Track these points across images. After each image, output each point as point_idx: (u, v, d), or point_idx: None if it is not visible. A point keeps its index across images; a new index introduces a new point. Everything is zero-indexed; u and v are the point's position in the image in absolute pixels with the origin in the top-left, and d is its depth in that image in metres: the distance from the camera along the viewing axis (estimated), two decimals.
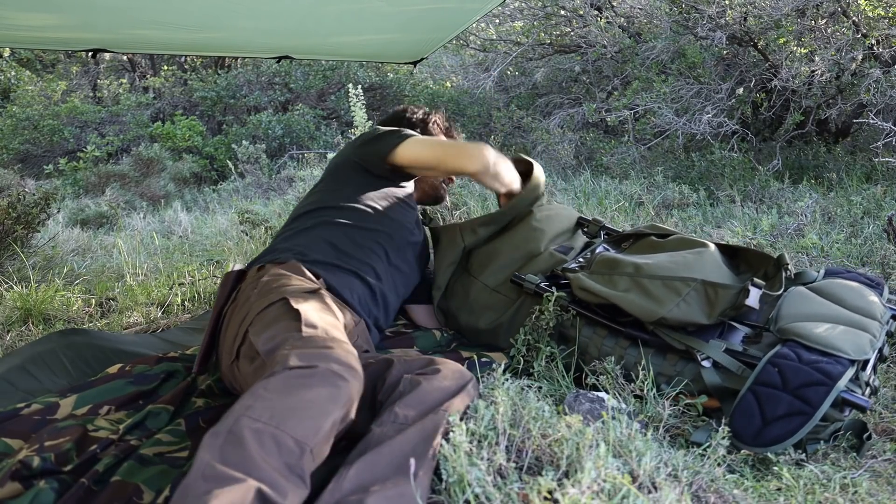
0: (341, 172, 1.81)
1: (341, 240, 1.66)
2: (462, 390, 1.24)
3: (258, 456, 0.94)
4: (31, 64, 10.51)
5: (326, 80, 8.91)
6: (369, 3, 2.26)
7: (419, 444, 1.10)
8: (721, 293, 1.58)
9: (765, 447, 1.30)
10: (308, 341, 1.20)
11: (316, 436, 1.01)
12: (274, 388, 1.05)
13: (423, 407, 1.18)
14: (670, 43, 4.89)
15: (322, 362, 1.11)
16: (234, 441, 0.96)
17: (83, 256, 3.59)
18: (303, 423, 1.01)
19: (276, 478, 0.94)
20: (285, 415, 1.01)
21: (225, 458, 0.93)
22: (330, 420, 1.04)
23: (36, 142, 8.63)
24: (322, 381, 1.08)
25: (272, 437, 0.97)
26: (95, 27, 2.35)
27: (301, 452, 0.99)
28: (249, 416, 1.00)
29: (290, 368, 1.09)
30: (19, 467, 1.16)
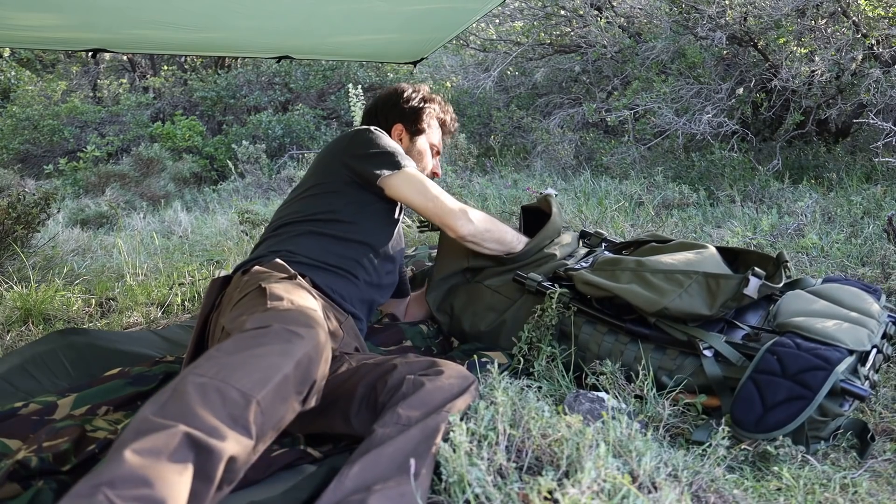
0: (332, 180, 1.73)
1: (328, 250, 1.64)
2: (465, 392, 1.25)
3: (197, 406, 0.92)
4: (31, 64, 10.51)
5: (326, 80, 8.91)
6: (369, 3, 2.26)
7: (421, 444, 1.10)
8: (722, 284, 1.59)
9: (767, 433, 1.30)
10: (269, 310, 1.20)
11: (263, 388, 0.99)
12: (225, 348, 1.05)
13: (426, 408, 1.18)
14: (670, 43, 4.89)
15: (277, 322, 1.11)
16: (176, 396, 0.94)
17: (83, 256, 3.59)
18: (249, 376, 0.99)
19: (214, 424, 0.91)
20: (232, 369, 1.00)
21: (163, 412, 0.92)
22: (280, 373, 1.02)
23: (36, 142, 8.63)
24: (274, 338, 1.07)
25: (216, 389, 0.96)
26: (95, 27, 2.35)
27: (246, 403, 0.96)
28: (194, 373, 0.99)
29: (245, 331, 1.10)
30: (17, 467, 1.16)
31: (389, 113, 1.92)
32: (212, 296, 1.54)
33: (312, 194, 1.72)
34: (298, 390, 1.07)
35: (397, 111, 1.92)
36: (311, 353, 1.10)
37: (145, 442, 0.85)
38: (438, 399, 1.20)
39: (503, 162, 5.81)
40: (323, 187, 1.71)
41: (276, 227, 1.71)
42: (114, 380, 1.57)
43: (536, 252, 1.93)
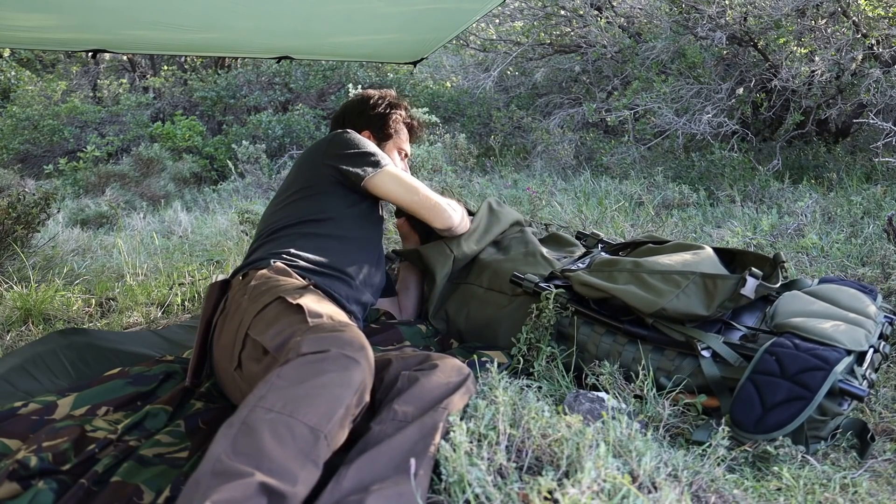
0: (319, 182, 1.74)
1: (325, 249, 1.65)
2: (461, 386, 1.24)
3: (270, 446, 0.95)
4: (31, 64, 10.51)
5: (326, 80, 8.91)
6: (369, 3, 2.26)
7: (419, 442, 1.10)
8: (720, 284, 1.59)
9: (767, 433, 1.31)
10: (317, 328, 1.21)
11: (329, 422, 1.02)
12: (287, 375, 1.06)
13: (421, 404, 1.18)
14: (670, 43, 4.89)
15: (334, 346, 1.12)
16: (248, 432, 0.97)
17: (83, 256, 3.59)
18: (316, 410, 1.02)
19: (286, 467, 0.95)
20: (298, 402, 1.02)
21: (236, 450, 0.95)
22: (343, 405, 1.05)
23: (36, 142, 8.63)
24: (334, 365, 1.09)
25: (286, 425, 0.99)
26: (95, 28, 2.35)
27: (315, 439, 1.00)
28: (262, 407, 1.01)
29: (303, 354, 1.10)
30: (17, 467, 1.16)
31: (357, 120, 1.96)
32: (212, 300, 1.54)
33: (301, 197, 1.72)
34: (354, 413, 1.10)
35: (364, 118, 1.96)
36: (366, 379, 1.12)
37: (222, 493, 0.88)
38: (434, 394, 1.20)
39: (503, 162, 5.81)
40: (311, 189, 1.72)
41: (271, 231, 1.70)
42: (114, 380, 1.57)
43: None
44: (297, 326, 1.25)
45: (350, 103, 2.04)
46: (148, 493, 1.17)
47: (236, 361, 1.38)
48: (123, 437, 1.34)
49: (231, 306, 1.48)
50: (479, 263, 2.03)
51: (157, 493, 1.16)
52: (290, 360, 1.10)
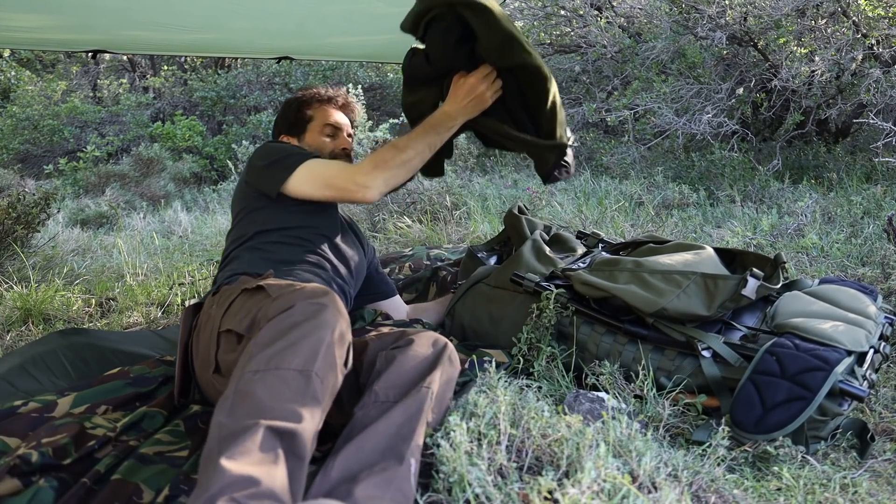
0: (251, 200, 1.71)
1: (282, 255, 1.63)
2: (440, 360, 1.25)
3: (266, 398, 0.98)
4: (31, 64, 10.51)
5: (326, 80, 8.91)
6: (369, 3, 2.27)
7: (404, 425, 1.11)
8: (720, 284, 1.59)
9: (767, 434, 1.31)
10: (279, 296, 1.23)
11: (315, 361, 1.05)
12: (262, 340, 1.09)
13: (402, 381, 1.19)
14: (670, 43, 4.89)
15: (297, 300, 1.15)
16: (241, 396, 1.00)
17: (83, 256, 3.59)
18: (300, 355, 1.05)
19: (288, 408, 0.97)
20: (280, 355, 1.04)
21: (235, 413, 0.97)
22: (324, 343, 1.08)
23: (36, 142, 8.63)
24: (303, 315, 1.12)
25: (275, 377, 1.01)
26: (95, 28, 2.36)
27: (307, 379, 1.02)
28: (248, 371, 1.03)
29: (271, 319, 1.13)
30: (18, 463, 1.16)
31: (277, 131, 1.94)
32: (187, 322, 1.53)
33: (243, 217, 1.71)
34: (339, 353, 1.12)
35: (281, 125, 1.92)
36: (338, 318, 1.14)
37: (234, 446, 0.91)
38: (413, 372, 1.21)
39: (503, 162, 5.81)
40: (248, 208, 1.70)
41: (225, 257, 1.69)
42: (114, 380, 1.57)
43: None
44: (262, 303, 1.26)
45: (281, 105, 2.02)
46: (148, 491, 1.17)
47: (213, 364, 1.38)
48: (121, 437, 1.35)
49: (202, 320, 1.48)
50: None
51: (156, 492, 1.17)
52: (261, 328, 1.13)
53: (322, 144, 1.86)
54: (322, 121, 1.88)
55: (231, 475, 0.87)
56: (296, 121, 1.89)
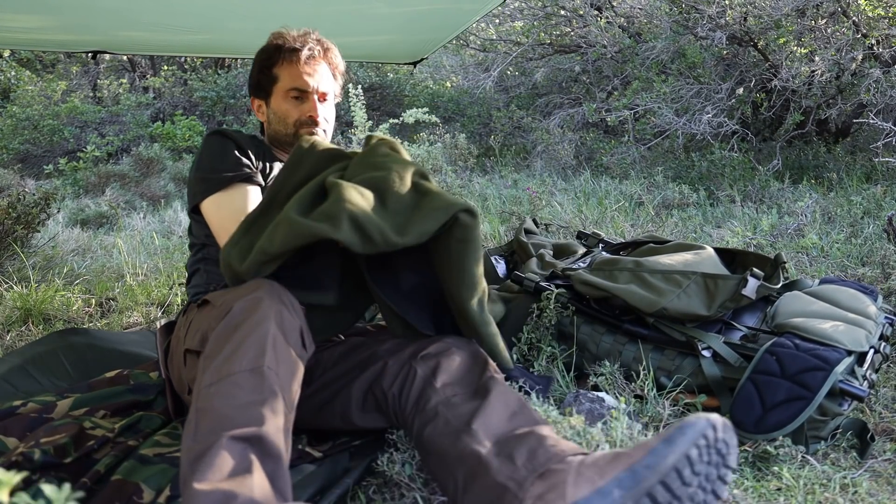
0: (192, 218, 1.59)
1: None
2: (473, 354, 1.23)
3: (224, 409, 0.94)
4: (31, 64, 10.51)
5: None
6: (369, 4, 2.27)
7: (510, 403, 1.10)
8: (721, 284, 1.59)
9: (767, 433, 1.31)
10: (220, 304, 1.16)
11: (264, 355, 1.01)
12: (210, 351, 1.05)
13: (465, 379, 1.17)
14: (670, 43, 4.89)
15: (234, 302, 1.10)
16: (202, 413, 0.96)
17: (83, 256, 3.59)
18: (246, 355, 1.01)
19: (246, 414, 0.94)
20: (228, 362, 1.00)
21: (199, 432, 0.93)
22: (269, 336, 1.03)
23: (36, 142, 8.62)
24: (241, 315, 1.07)
25: (228, 385, 0.97)
26: (95, 29, 2.36)
27: (260, 376, 0.98)
28: (203, 387, 0.99)
29: (214, 328, 1.09)
30: (20, 460, 1.16)
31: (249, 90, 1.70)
32: (162, 344, 1.48)
33: (192, 221, 1.60)
34: (291, 339, 1.07)
35: (250, 88, 1.68)
36: (279, 304, 1.09)
37: (203, 467, 0.87)
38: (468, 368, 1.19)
39: (503, 162, 5.81)
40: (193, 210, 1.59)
41: (188, 267, 1.62)
42: (114, 384, 1.57)
43: None
44: (209, 316, 1.21)
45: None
46: (148, 491, 1.17)
47: (186, 386, 1.33)
48: (119, 438, 1.35)
49: (173, 343, 1.43)
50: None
51: (157, 492, 1.16)
52: (208, 336, 1.10)
53: (286, 112, 1.59)
54: (288, 83, 1.58)
55: (206, 497, 0.84)
56: (260, 81, 1.62)
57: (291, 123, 1.59)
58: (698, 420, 0.88)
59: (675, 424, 0.90)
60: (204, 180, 1.49)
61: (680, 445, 0.86)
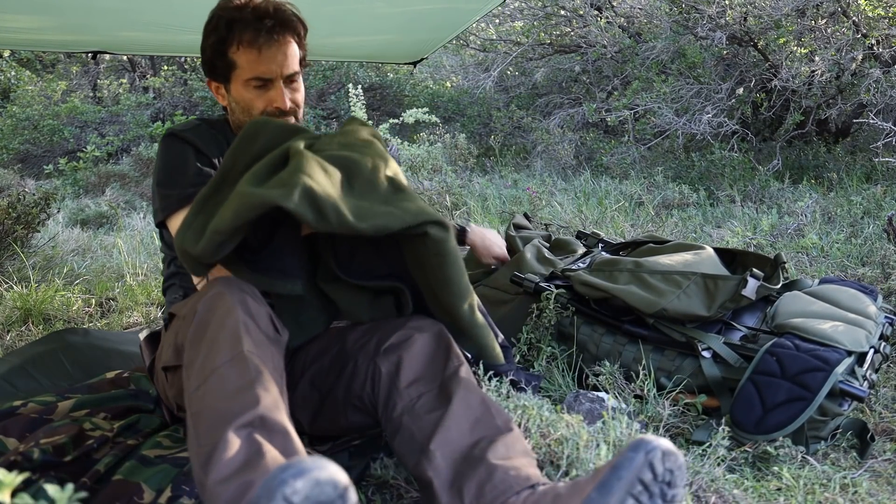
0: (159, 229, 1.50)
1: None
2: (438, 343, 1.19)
3: (218, 404, 0.94)
4: (31, 64, 10.50)
5: (326, 80, 8.90)
6: (369, 3, 2.26)
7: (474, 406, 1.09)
8: (720, 284, 1.59)
9: (767, 434, 1.31)
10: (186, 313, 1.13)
11: (240, 342, 0.99)
12: (189, 359, 1.03)
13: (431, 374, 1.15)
14: (670, 43, 4.89)
15: (198, 304, 1.08)
16: (197, 416, 0.95)
17: (83, 256, 3.59)
18: (223, 348, 0.99)
19: (241, 400, 0.93)
20: (207, 360, 0.99)
21: (200, 435, 0.93)
22: (240, 323, 1.02)
23: (36, 142, 8.62)
24: (208, 314, 1.05)
25: (214, 382, 0.96)
26: (95, 29, 2.35)
27: (241, 362, 0.97)
28: (190, 392, 0.99)
29: (187, 336, 1.07)
30: (20, 459, 1.16)
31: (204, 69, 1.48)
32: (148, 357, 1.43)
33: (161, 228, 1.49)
34: (261, 323, 1.06)
35: (205, 69, 1.47)
36: (240, 293, 1.07)
37: (215, 464, 0.87)
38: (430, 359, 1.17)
39: (503, 162, 5.81)
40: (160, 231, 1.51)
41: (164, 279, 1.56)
42: (115, 386, 1.57)
43: None
44: (177, 328, 1.18)
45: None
46: (148, 491, 1.17)
47: (174, 405, 1.33)
48: (118, 438, 1.34)
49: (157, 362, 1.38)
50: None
51: (157, 492, 1.16)
52: (184, 346, 1.07)
53: (249, 102, 1.40)
54: (248, 72, 1.37)
55: (225, 492, 0.84)
56: (215, 65, 1.41)
57: (256, 115, 1.41)
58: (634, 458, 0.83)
59: (609, 463, 0.85)
60: (165, 197, 1.38)
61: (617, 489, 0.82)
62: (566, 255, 2.12)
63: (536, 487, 0.94)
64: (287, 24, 1.38)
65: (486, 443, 1.02)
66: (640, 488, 0.82)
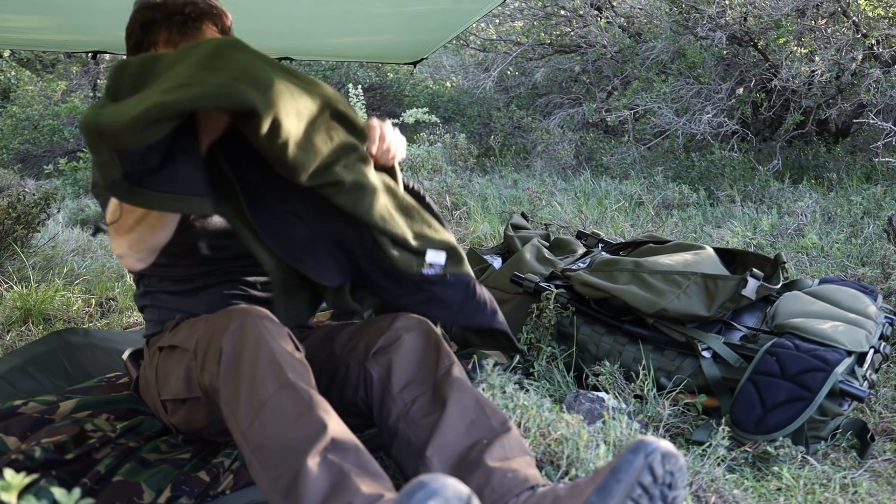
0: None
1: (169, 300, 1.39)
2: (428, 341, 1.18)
3: (282, 434, 0.94)
4: (31, 64, 10.50)
5: (326, 80, 8.90)
6: (369, 4, 2.26)
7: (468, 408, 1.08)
8: (720, 285, 1.59)
9: (767, 434, 1.31)
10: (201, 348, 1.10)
11: (282, 372, 0.99)
12: (228, 397, 1.01)
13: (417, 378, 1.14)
14: (670, 43, 4.89)
15: (220, 338, 1.05)
16: (260, 449, 0.95)
17: (83, 256, 3.59)
18: (266, 381, 0.99)
19: (306, 426, 0.93)
20: (254, 393, 0.98)
21: (270, 467, 0.92)
22: (275, 352, 1.01)
23: (36, 142, 8.62)
24: (234, 347, 1.03)
25: (269, 412, 0.96)
26: (95, 30, 2.35)
27: (291, 388, 0.97)
28: (245, 427, 0.97)
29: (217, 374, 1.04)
30: (22, 458, 1.16)
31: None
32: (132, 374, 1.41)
33: None
34: (286, 346, 1.05)
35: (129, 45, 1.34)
36: (257, 321, 1.06)
37: (301, 493, 0.87)
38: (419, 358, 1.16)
39: (503, 162, 5.81)
40: None
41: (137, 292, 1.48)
42: (116, 389, 1.57)
43: None
44: (186, 363, 1.15)
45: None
46: (148, 492, 1.17)
47: (172, 427, 1.32)
48: (120, 440, 1.34)
49: (143, 384, 1.36)
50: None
51: (157, 493, 1.17)
52: (216, 387, 1.04)
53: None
54: None
55: None
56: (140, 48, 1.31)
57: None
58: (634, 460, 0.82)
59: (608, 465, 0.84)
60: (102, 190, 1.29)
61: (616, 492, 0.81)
62: (566, 255, 2.12)
63: (536, 489, 0.94)
64: (202, 16, 1.32)
65: (482, 445, 1.01)
66: (639, 491, 0.82)
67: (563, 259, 2.04)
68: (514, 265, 1.93)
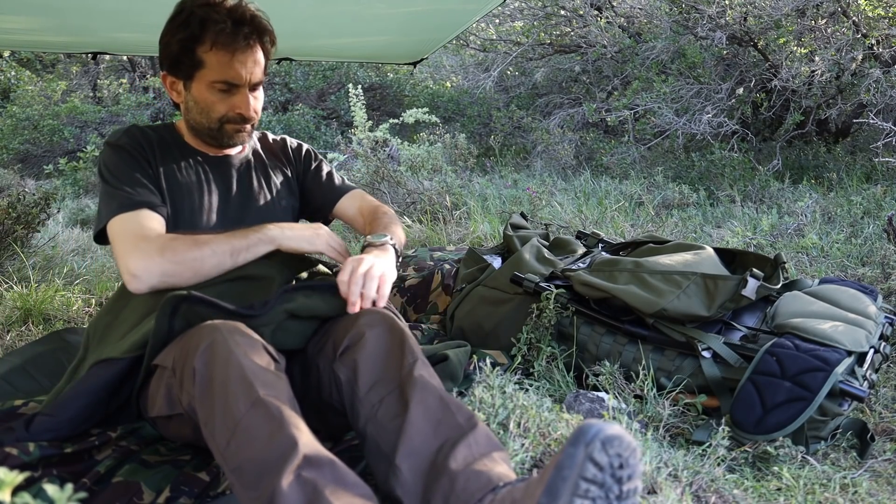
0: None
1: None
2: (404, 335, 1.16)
3: (254, 456, 0.93)
4: (31, 64, 10.50)
5: (326, 80, 8.90)
6: (369, 4, 2.26)
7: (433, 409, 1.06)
8: (720, 285, 1.59)
9: (767, 434, 1.31)
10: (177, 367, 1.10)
11: (252, 388, 0.98)
12: (205, 417, 1.01)
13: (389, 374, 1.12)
14: (670, 43, 4.89)
15: (191, 358, 1.05)
16: (237, 472, 0.94)
17: (83, 256, 3.59)
18: (237, 400, 0.98)
19: (277, 445, 0.92)
20: (227, 413, 0.98)
21: (247, 486, 0.92)
22: (244, 368, 1.01)
23: (36, 142, 8.62)
24: (205, 367, 1.03)
25: (241, 431, 0.96)
26: (95, 31, 2.35)
27: (261, 405, 0.97)
28: (221, 447, 0.97)
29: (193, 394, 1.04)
30: (16, 453, 1.16)
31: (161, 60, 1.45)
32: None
33: None
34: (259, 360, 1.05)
35: (164, 57, 1.42)
36: (226, 337, 1.06)
37: None
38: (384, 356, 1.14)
39: (503, 162, 5.81)
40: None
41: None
42: None
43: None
44: (165, 381, 1.15)
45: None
46: (148, 492, 1.17)
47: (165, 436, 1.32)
48: (121, 442, 1.34)
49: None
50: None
51: (157, 493, 1.16)
52: (194, 407, 1.04)
53: (211, 105, 1.38)
54: (216, 74, 1.35)
55: None
56: (181, 59, 1.37)
57: (216, 118, 1.39)
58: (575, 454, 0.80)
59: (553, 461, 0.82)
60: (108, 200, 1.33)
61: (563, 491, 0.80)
62: (566, 254, 2.12)
63: (497, 490, 0.93)
64: (262, 33, 1.42)
65: (448, 447, 1.00)
66: (585, 486, 0.80)
67: (562, 259, 2.04)
68: (513, 265, 1.93)
